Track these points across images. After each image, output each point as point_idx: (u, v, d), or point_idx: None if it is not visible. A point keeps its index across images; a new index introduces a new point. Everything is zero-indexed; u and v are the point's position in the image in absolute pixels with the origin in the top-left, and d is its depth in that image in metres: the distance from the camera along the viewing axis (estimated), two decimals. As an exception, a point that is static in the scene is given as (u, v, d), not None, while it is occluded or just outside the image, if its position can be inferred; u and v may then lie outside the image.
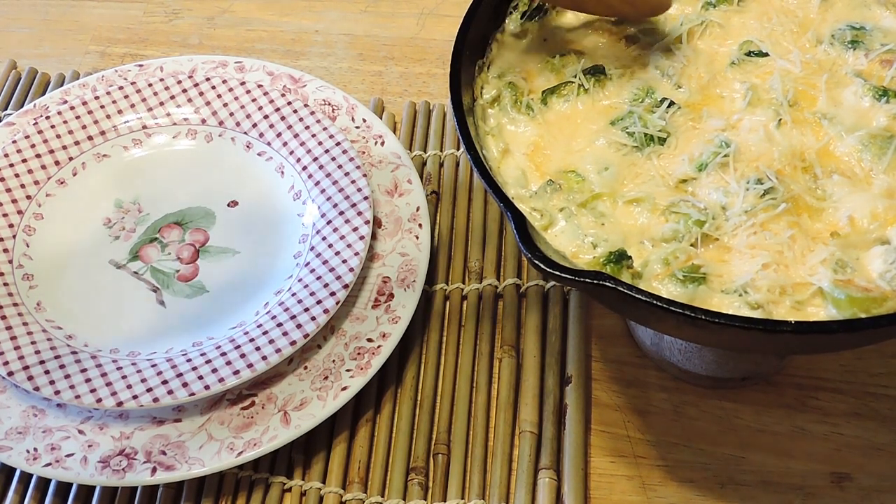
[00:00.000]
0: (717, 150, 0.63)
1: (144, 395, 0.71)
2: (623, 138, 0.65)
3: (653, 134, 0.65)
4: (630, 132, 0.65)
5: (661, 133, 0.65)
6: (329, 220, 0.80)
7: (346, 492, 0.72)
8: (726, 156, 0.62)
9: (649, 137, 0.65)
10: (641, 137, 0.65)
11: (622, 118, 0.66)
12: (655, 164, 0.64)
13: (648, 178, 0.63)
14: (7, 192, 0.83)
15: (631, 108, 0.66)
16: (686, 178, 0.63)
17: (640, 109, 0.66)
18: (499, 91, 0.68)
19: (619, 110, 0.67)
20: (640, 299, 0.52)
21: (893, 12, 0.70)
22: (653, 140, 0.65)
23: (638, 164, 0.64)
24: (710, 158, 0.62)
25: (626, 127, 0.66)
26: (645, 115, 0.66)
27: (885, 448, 0.72)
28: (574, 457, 0.71)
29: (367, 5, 1.09)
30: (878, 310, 0.55)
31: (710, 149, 0.63)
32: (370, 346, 0.75)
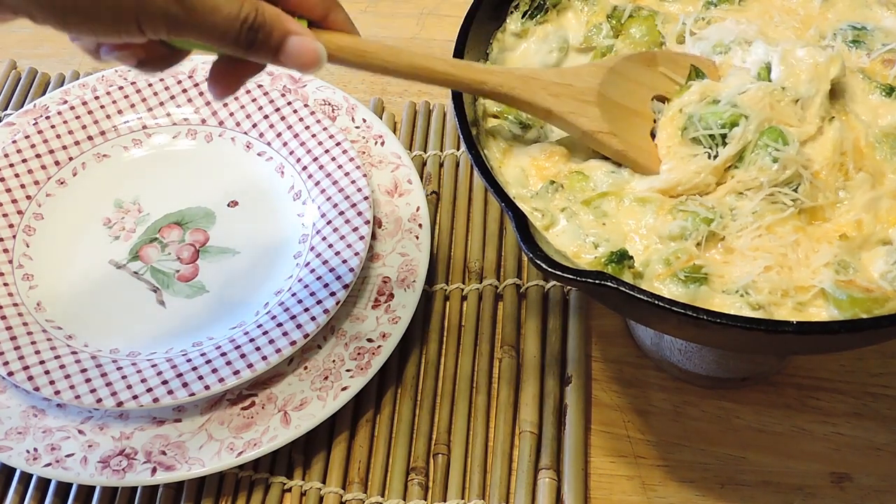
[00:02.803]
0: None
1: (144, 395, 0.71)
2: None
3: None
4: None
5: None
6: (329, 220, 0.80)
7: (346, 492, 0.72)
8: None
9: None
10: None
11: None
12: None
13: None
14: (7, 192, 0.83)
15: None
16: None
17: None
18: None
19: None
20: (642, 299, 0.52)
21: (895, 12, 0.70)
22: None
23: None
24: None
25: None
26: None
27: (885, 448, 0.72)
28: (574, 457, 0.71)
29: (367, 5, 1.08)
30: (879, 310, 0.55)
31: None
32: (370, 346, 0.75)
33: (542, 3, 0.72)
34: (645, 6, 0.72)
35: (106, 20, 0.49)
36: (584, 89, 0.63)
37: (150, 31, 0.50)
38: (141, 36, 0.50)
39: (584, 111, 0.63)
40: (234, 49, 0.52)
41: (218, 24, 0.51)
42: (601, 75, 0.64)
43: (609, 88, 0.64)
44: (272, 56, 0.53)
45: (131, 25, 0.49)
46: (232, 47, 0.52)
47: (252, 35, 0.52)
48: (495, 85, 0.61)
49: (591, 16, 0.73)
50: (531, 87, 0.62)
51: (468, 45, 0.67)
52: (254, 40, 0.52)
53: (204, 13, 0.50)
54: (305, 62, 0.54)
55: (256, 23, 0.52)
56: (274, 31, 0.53)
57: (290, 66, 0.54)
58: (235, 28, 0.51)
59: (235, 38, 0.51)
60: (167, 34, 0.50)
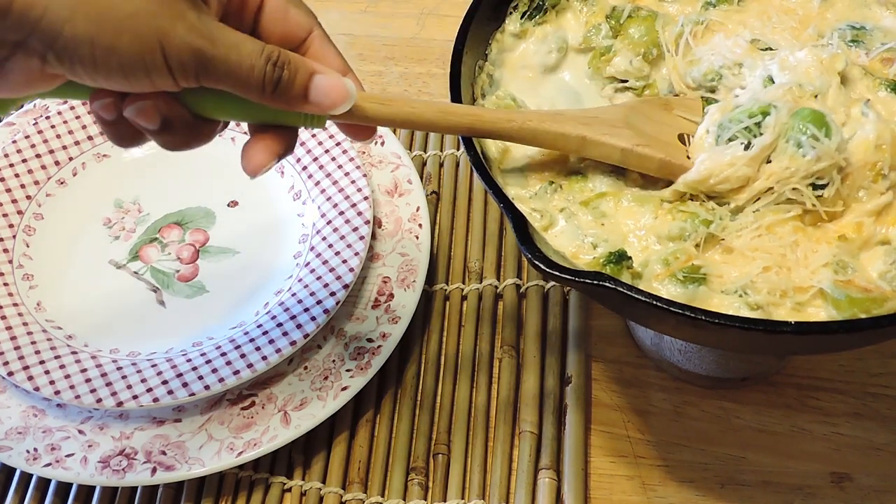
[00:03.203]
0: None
1: (144, 395, 0.71)
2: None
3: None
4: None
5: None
6: (329, 220, 0.80)
7: (346, 492, 0.72)
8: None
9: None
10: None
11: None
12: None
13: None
14: (7, 192, 0.83)
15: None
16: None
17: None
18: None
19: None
20: (640, 300, 0.52)
21: (894, 12, 0.70)
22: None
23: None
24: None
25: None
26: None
27: (884, 448, 0.72)
28: (574, 457, 0.71)
29: (367, 5, 1.08)
30: (878, 310, 0.55)
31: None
32: (370, 346, 0.75)
33: (540, 4, 0.72)
34: (644, 6, 0.72)
35: (132, 52, 0.47)
36: (611, 119, 0.63)
37: (177, 67, 0.48)
38: (167, 74, 0.49)
39: (617, 133, 0.62)
40: (260, 91, 0.51)
41: (243, 59, 0.50)
42: (623, 111, 0.64)
43: (635, 121, 0.63)
44: (302, 96, 0.52)
45: (157, 56, 0.48)
46: (258, 89, 0.51)
47: (278, 73, 0.51)
48: (524, 121, 0.60)
49: (589, 16, 0.73)
50: (559, 119, 0.61)
51: (467, 45, 0.67)
52: (279, 78, 0.51)
53: (228, 46, 0.49)
54: (335, 98, 0.53)
55: (281, 59, 0.51)
56: (300, 70, 0.52)
57: (319, 106, 0.53)
58: (260, 65, 0.50)
59: (261, 75, 0.50)
60: (195, 72, 0.49)
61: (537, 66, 0.71)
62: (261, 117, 0.54)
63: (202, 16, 0.49)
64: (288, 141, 0.55)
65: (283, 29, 0.54)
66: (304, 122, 0.54)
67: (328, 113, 0.53)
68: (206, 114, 0.53)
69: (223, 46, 0.49)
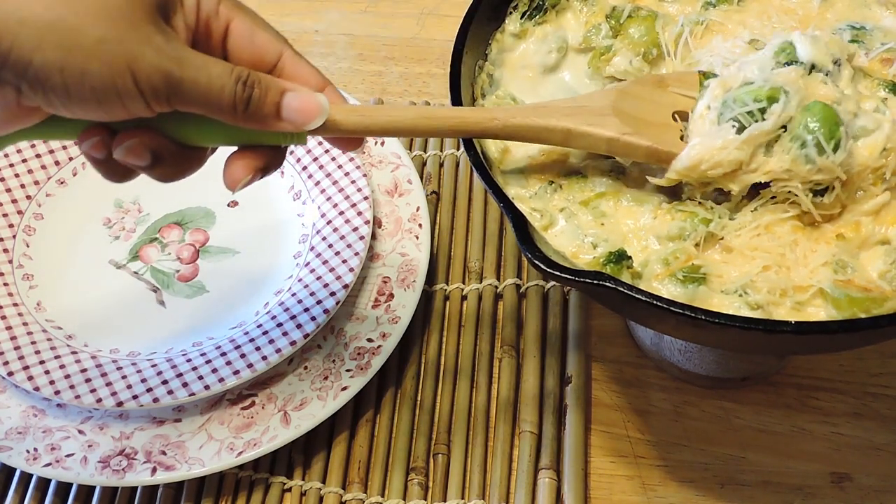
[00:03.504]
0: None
1: (144, 395, 0.71)
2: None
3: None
4: None
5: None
6: (329, 220, 0.80)
7: (346, 492, 0.72)
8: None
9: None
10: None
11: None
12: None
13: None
14: (7, 192, 0.83)
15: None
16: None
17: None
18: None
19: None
20: (640, 299, 0.52)
21: (894, 12, 0.70)
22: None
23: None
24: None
25: None
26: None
27: (884, 448, 0.72)
28: (574, 457, 0.71)
29: (367, 5, 1.09)
30: (878, 310, 0.55)
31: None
32: (370, 346, 0.75)
33: (540, 4, 0.72)
34: (644, 6, 0.72)
35: (103, 78, 0.48)
36: (598, 107, 0.62)
37: (148, 91, 0.49)
38: (140, 98, 0.49)
39: (603, 122, 0.61)
40: (232, 112, 0.51)
41: (213, 80, 0.50)
42: (612, 95, 0.63)
43: (624, 105, 0.62)
44: (274, 114, 0.52)
45: (128, 81, 0.48)
46: (230, 109, 0.51)
47: (248, 92, 0.51)
48: (507, 118, 0.60)
49: (589, 16, 0.73)
50: (543, 113, 0.61)
51: (467, 45, 0.67)
52: (250, 98, 0.51)
53: (197, 68, 0.50)
54: (308, 115, 0.53)
55: (251, 79, 0.51)
56: (270, 88, 0.52)
57: (293, 123, 0.53)
58: (230, 85, 0.50)
59: (231, 95, 0.51)
60: (165, 95, 0.49)
61: (537, 66, 0.71)
62: (241, 139, 0.54)
63: (170, 40, 0.50)
64: (270, 158, 0.55)
65: (251, 53, 0.54)
66: (284, 140, 0.55)
67: (303, 129, 0.54)
68: (190, 141, 0.54)
69: (192, 68, 0.50)
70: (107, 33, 0.48)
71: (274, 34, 0.55)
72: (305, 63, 0.56)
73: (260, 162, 0.55)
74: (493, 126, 0.60)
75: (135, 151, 0.52)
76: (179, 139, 0.53)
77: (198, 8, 0.53)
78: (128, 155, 0.52)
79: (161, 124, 0.52)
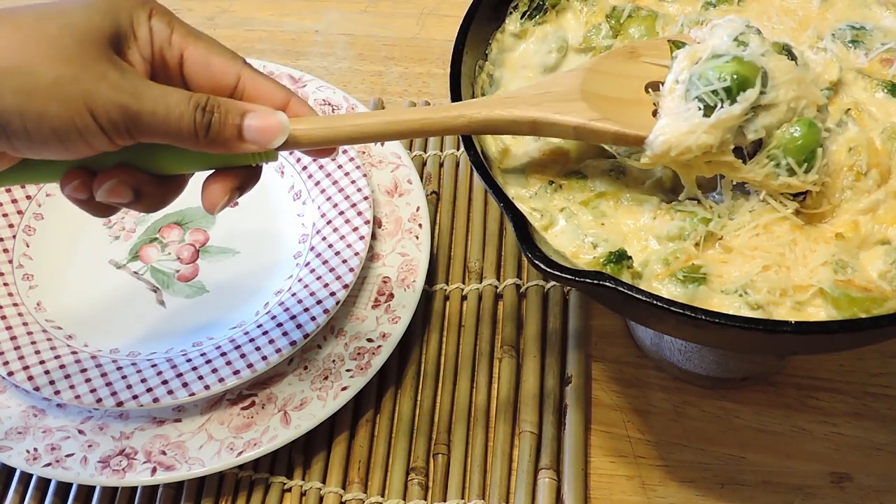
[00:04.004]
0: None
1: (144, 395, 0.71)
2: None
3: None
4: None
5: None
6: (329, 220, 0.80)
7: (346, 492, 0.72)
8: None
9: None
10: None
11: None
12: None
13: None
14: (7, 191, 0.83)
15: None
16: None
17: None
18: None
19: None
20: (641, 299, 0.52)
21: (894, 12, 0.70)
22: None
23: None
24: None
25: None
26: None
27: (884, 448, 0.72)
28: (574, 457, 0.71)
29: (367, 5, 1.09)
30: (878, 310, 0.55)
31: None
32: (370, 346, 0.75)
33: (541, 4, 0.72)
34: (644, 6, 0.72)
35: (61, 118, 0.48)
36: (565, 92, 0.61)
37: (108, 126, 0.49)
38: (101, 134, 0.49)
39: (570, 108, 0.60)
40: (194, 139, 0.52)
41: (171, 109, 0.50)
42: (580, 76, 0.62)
43: (593, 86, 0.62)
44: (236, 137, 0.53)
45: (86, 118, 0.49)
46: (191, 136, 0.51)
47: (208, 118, 0.51)
48: (472, 114, 0.59)
49: (590, 16, 0.73)
50: (510, 104, 0.60)
51: (467, 45, 0.67)
52: (210, 123, 0.51)
53: (154, 99, 0.50)
54: (270, 134, 0.53)
55: (209, 104, 0.52)
56: (230, 112, 0.52)
57: (256, 143, 0.53)
58: (189, 112, 0.51)
59: (191, 123, 0.51)
60: (126, 128, 0.50)
61: (537, 66, 0.71)
62: (213, 163, 0.55)
63: (126, 74, 0.50)
64: (245, 177, 0.56)
65: (209, 79, 0.55)
66: (254, 160, 0.55)
67: (267, 148, 0.54)
68: (165, 171, 0.55)
69: (149, 100, 0.50)
70: (62, 74, 0.48)
71: (230, 56, 0.55)
72: (266, 79, 0.56)
73: (235, 182, 0.56)
74: (458, 123, 0.59)
75: (116, 191, 0.53)
76: (154, 170, 0.54)
77: (151, 40, 0.53)
78: (110, 195, 0.53)
79: (132, 158, 0.53)
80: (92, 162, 0.53)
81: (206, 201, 0.56)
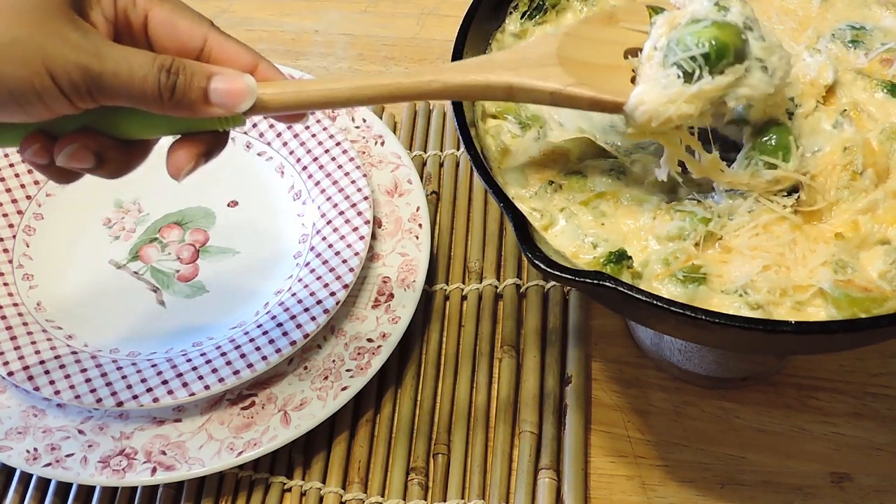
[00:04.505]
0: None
1: (144, 395, 0.71)
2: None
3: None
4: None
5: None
6: (329, 220, 0.80)
7: (346, 492, 0.72)
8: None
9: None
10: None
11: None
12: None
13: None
14: (7, 192, 0.83)
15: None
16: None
17: None
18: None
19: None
20: (641, 299, 0.52)
21: (894, 12, 0.70)
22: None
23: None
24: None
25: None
26: None
27: (885, 448, 0.72)
28: (574, 457, 0.71)
29: (367, 5, 1.09)
30: (878, 310, 0.55)
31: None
32: (370, 346, 0.75)
33: (541, 4, 0.72)
34: (644, 6, 0.72)
35: (19, 79, 0.47)
36: (542, 56, 0.60)
37: (68, 88, 0.48)
38: (61, 96, 0.48)
39: (546, 74, 0.59)
40: (158, 101, 0.50)
41: (134, 71, 0.49)
42: (557, 41, 0.61)
43: (570, 51, 0.60)
44: (201, 100, 0.51)
45: (45, 79, 0.48)
46: (155, 99, 0.50)
47: (173, 80, 0.50)
48: (446, 79, 0.58)
49: (590, 16, 0.73)
50: (485, 69, 0.59)
51: (467, 45, 0.67)
52: (175, 85, 0.50)
53: (116, 60, 0.49)
54: (237, 97, 0.52)
55: (174, 66, 0.50)
56: (196, 74, 0.51)
57: (223, 107, 0.52)
58: (153, 74, 0.50)
59: (155, 85, 0.50)
60: (87, 90, 0.49)
61: (537, 66, 0.71)
62: (178, 127, 0.54)
63: (87, 34, 0.49)
64: (211, 143, 0.55)
65: (175, 42, 0.54)
66: (221, 124, 0.54)
67: (234, 112, 0.53)
68: (128, 135, 0.53)
69: (111, 60, 0.49)
70: (19, 34, 0.47)
71: (195, 17, 0.54)
72: (233, 42, 0.55)
73: (201, 148, 0.54)
74: (432, 89, 0.58)
75: (77, 156, 0.52)
76: (118, 135, 0.53)
77: (114, 1, 0.52)
78: (70, 160, 0.52)
79: (95, 122, 0.52)
80: (53, 126, 0.51)
81: (171, 167, 0.54)
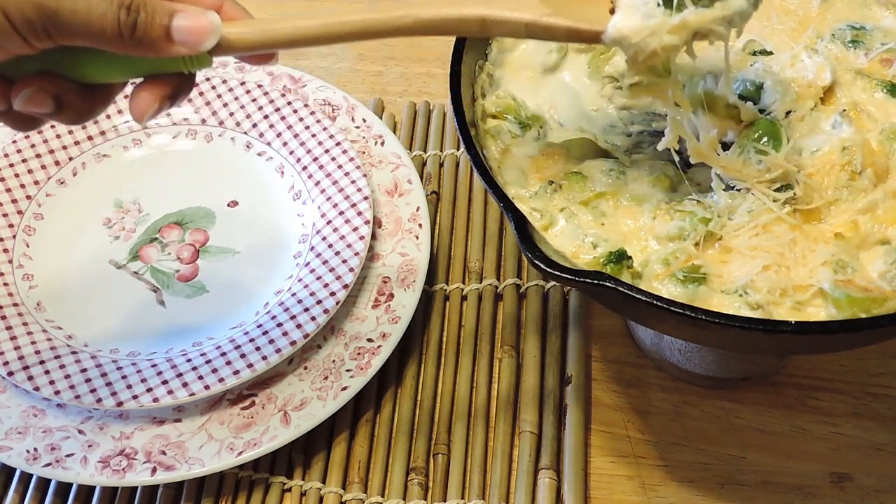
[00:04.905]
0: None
1: (144, 395, 0.71)
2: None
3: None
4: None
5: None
6: (329, 220, 0.80)
7: (346, 492, 0.72)
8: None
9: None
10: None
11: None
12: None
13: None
14: (7, 192, 0.83)
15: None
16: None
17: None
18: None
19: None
20: (641, 299, 0.52)
21: (894, 12, 0.70)
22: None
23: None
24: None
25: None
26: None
27: (885, 448, 0.72)
28: (574, 457, 0.71)
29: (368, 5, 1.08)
30: (878, 310, 0.55)
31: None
32: (370, 346, 0.75)
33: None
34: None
35: None
36: None
37: (23, 26, 0.46)
38: (16, 35, 0.47)
39: (521, 5, 0.57)
40: (118, 40, 0.48)
41: (92, 8, 0.47)
42: None
43: None
44: (164, 38, 0.49)
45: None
46: (115, 38, 0.48)
47: (133, 17, 0.48)
48: (418, 13, 0.56)
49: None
50: (457, 2, 0.57)
51: (467, 45, 0.67)
52: (136, 23, 0.48)
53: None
54: (200, 36, 0.50)
55: (134, 3, 0.48)
56: (157, 11, 0.49)
57: (186, 45, 0.50)
58: (112, 11, 0.48)
59: (115, 22, 0.48)
60: (43, 28, 0.47)
61: (537, 66, 0.71)
62: (141, 69, 0.52)
63: None
64: (176, 86, 0.53)
65: None
66: (186, 66, 0.53)
67: (198, 51, 0.51)
68: (89, 78, 0.52)
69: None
70: None
71: None
72: None
73: (166, 91, 0.53)
74: (403, 24, 0.57)
75: (35, 100, 0.50)
76: (78, 78, 0.51)
77: None
78: (28, 104, 0.50)
79: (54, 64, 0.50)
80: (9, 68, 0.50)
81: (135, 110, 0.52)
